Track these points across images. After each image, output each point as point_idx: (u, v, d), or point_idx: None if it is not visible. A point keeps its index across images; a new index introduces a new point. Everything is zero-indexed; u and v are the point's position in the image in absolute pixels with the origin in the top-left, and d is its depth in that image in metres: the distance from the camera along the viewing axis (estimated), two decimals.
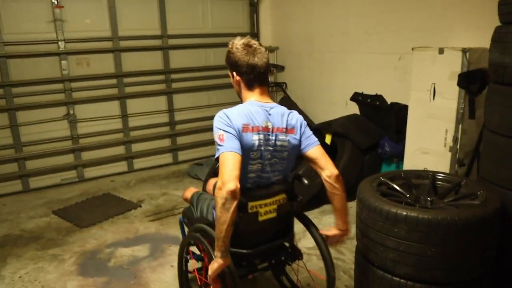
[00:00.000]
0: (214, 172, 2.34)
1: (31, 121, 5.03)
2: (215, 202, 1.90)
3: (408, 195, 2.51)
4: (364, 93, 4.81)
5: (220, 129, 1.99)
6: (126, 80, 5.52)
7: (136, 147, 5.75)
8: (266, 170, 2.15)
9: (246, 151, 2.03)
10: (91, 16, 5.19)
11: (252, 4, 6.33)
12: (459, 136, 3.64)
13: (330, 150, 4.40)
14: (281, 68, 6.40)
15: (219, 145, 1.96)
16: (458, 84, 3.48)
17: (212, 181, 2.68)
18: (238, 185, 1.86)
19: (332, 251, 2.33)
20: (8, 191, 5.02)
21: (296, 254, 2.39)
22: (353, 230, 2.48)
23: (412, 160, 4.03)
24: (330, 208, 4.22)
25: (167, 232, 3.89)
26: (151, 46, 5.61)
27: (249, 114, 2.07)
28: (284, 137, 2.15)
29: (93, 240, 3.79)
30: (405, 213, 2.12)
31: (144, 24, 5.54)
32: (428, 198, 2.46)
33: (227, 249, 1.96)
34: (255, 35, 6.42)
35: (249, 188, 2.13)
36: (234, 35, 6.10)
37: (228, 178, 1.86)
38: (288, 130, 2.16)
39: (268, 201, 2.14)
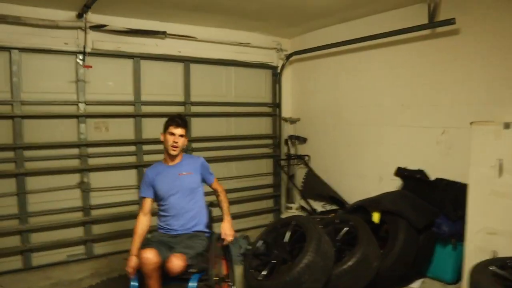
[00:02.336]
0: None
1: (41, 189, 4.55)
2: None
3: None
4: (407, 168, 4.54)
5: None
6: (145, 147, 5.15)
7: (153, 221, 5.21)
8: None
9: None
10: (115, 78, 4.94)
11: (274, 74, 6.22)
12: None
13: (375, 229, 4.08)
14: (303, 140, 6.16)
15: None
16: None
17: None
18: None
19: None
20: (6, 269, 4.37)
21: None
22: None
23: (476, 241, 3.67)
24: None
25: None
26: (172, 113, 5.29)
27: None
28: None
29: None
30: None
31: (168, 89, 5.32)
32: None
33: None
34: (277, 105, 6.25)
35: None
36: (257, 104, 6.07)
37: None
38: None
39: None
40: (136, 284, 2.95)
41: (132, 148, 5.08)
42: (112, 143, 4.93)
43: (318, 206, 5.58)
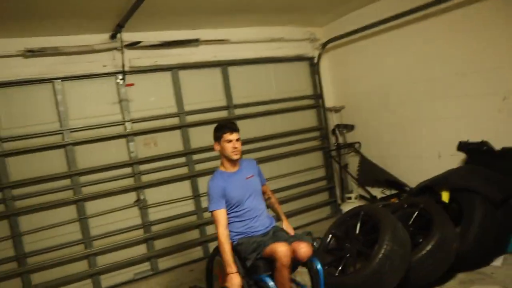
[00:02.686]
0: None
1: (100, 212, 4.61)
2: None
3: None
4: (469, 141, 4.29)
5: None
6: (195, 157, 5.11)
7: (211, 230, 5.17)
8: None
9: None
10: (156, 93, 4.94)
11: (312, 65, 6.07)
12: None
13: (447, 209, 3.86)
14: (350, 128, 5.97)
15: None
16: None
17: None
18: None
19: None
20: None
21: None
22: None
23: None
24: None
25: None
26: (217, 119, 5.25)
27: None
28: None
29: None
30: None
31: (210, 96, 5.28)
32: None
33: None
34: (319, 96, 6.09)
35: None
36: (299, 98, 5.92)
37: None
38: None
39: None
40: (273, 283, 2.86)
41: (182, 160, 5.06)
42: (163, 157, 4.93)
43: (377, 192, 5.39)
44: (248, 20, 5.15)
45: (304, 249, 2.91)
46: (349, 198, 5.59)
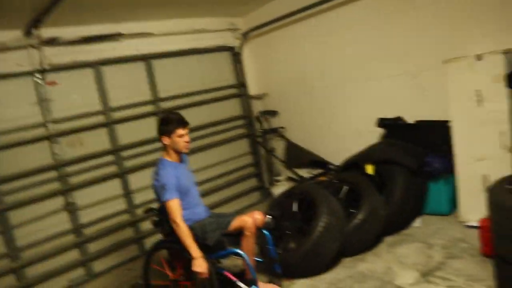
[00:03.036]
0: None
1: (26, 220, 4.32)
2: None
3: None
4: (386, 117, 4.71)
5: None
6: (124, 153, 5.00)
7: (145, 226, 5.10)
8: None
9: None
10: (79, 90, 4.73)
11: (234, 54, 6.18)
12: None
13: (372, 180, 4.22)
14: (273, 114, 6.21)
15: None
16: (508, 85, 3.45)
17: None
18: None
19: None
20: None
21: None
22: None
23: (466, 170, 3.90)
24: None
25: None
26: (144, 113, 5.18)
27: None
28: None
29: None
30: None
31: (135, 91, 5.17)
32: None
33: None
34: (242, 85, 6.24)
35: None
36: (223, 88, 6.02)
37: None
38: None
39: None
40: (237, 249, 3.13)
41: (111, 158, 4.91)
42: (90, 157, 4.74)
43: (305, 173, 5.68)
44: (170, 13, 5.10)
45: (259, 217, 3.27)
46: (278, 180, 5.82)
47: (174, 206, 3.06)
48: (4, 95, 4.25)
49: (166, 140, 3.21)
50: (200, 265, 2.91)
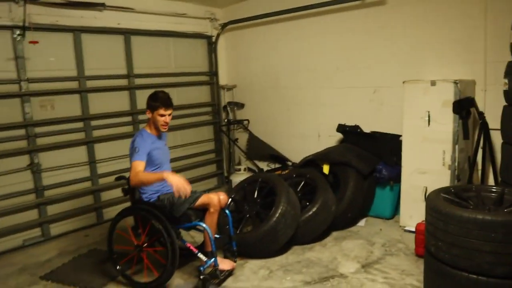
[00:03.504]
0: None
1: None
2: None
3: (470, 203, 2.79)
4: (346, 124, 5.11)
5: None
6: (93, 123, 5.08)
7: (106, 196, 5.23)
8: None
9: None
10: (56, 53, 4.74)
11: (210, 43, 6.37)
12: (457, 155, 4.08)
13: (326, 179, 4.61)
14: (241, 106, 6.47)
15: None
16: (454, 111, 3.92)
17: None
18: None
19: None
20: None
21: None
22: None
23: (410, 180, 4.37)
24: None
25: None
26: (118, 86, 5.28)
27: None
28: None
29: None
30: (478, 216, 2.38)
31: (111, 63, 5.24)
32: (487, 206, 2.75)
33: None
34: (214, 74, 6.45)
35: None
36: (195, 74, 6.19)
37: None
38: None
39: None
40: (206, 225, 3.39)
41: (80, 125, 4.98)
42: (59, 121, 4.79)
43: (264, 165, 6.00)
44: None
45: (223, 197, 3.61)
46: (239, 169, 6.11)
47: (138, 166, 3.24)
48: None
49: (149, 114, 3.46)
50: (174, 177, 3.12)
